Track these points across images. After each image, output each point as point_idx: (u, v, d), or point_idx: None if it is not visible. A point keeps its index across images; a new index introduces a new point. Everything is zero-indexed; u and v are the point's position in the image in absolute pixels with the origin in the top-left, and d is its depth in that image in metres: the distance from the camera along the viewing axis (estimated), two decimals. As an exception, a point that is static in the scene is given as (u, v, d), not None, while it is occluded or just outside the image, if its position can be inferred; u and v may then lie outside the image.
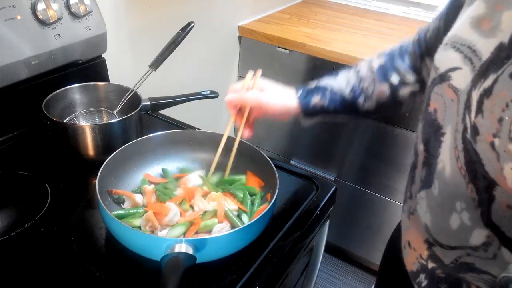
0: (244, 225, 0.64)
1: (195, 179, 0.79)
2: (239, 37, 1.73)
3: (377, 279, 0.89)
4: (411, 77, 0.72)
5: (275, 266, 0.68)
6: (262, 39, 1.65)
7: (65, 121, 0.93)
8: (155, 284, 0.59)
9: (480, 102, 0.45)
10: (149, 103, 0.96)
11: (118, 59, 1.18)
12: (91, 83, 0.97)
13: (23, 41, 0.85)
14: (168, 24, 1.30)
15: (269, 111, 0.75)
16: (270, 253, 0.69)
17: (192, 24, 0.91)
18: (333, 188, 0.85)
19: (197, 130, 0.88)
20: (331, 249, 1.95)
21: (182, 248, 0.57)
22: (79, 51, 0.97)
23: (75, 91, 0.95)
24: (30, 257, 0.65)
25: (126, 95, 0.94)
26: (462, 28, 0.53)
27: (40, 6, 0.86)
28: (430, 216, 0.57)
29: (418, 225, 0.60)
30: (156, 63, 0.91)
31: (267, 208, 0.66)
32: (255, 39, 1.67)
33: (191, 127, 1.00)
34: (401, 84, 0.73)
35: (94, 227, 0.72)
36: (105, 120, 0.97)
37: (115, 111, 0.96)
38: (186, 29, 0.90)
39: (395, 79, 0.72)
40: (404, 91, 0.73)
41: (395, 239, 0.74)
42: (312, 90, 0.76)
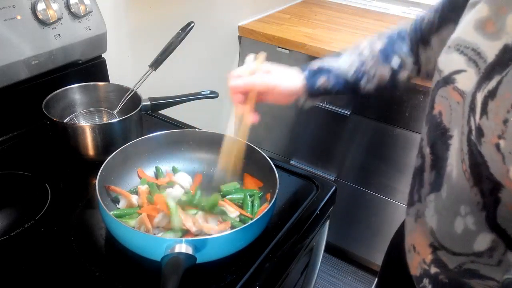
0: (244, 225, 0.64)
1: (176, 191, 0.75)
2: (239, 37, 1.73)
3: (379, 281, 0.88)
4: (410, 61, 0.74)
5: (275, 266, 0.68)
6: (262, 39, 1.65)
7: (65, 121, 0.93)
8: (155, 284, 0.59)
9: (485, 104, 0.45)
10: (149, 103, 0.95)
11: (118, 59, 1.18)
12: (91, 83, 0.97)
13: (23, 41, 0.85)
14: (168, 24, 1.29)
15: (276, 94, 0.73)
16: (270, 253, 0.69)
17: (192, 24, 0.91)
18: (333, 188, 0.85)
19: (197, 130, 0.88)
20: (331, 249, 1.95)
21: (182, 248, 0.57)
22: (79, 51, 0.97)
23: (75, 91, 0.95)
24: (30, 257, 0.65)
25: (126, 95, 0.94)
26: (466, 31, 0.53)
27: (40, 6, 0.86)
28: (436, 220, 0.56)
29: (424, 229, 0.60)
30: (156, 63, 0.91)
31: (267, 208, 0.66)
32: (255, 39, 1.67)
33: (191, 127, 1.00)
34: (400, 68, 0.75)
35: (94, 227, 0.72)
36: (105, 120, 0.97)
37: (115, 111, 0.96)
38: (186, 29, 0.90)
39: (396, 63, 0.74)
40: (403, 75, 0.75)
41: (398, 242, 0.74)
42: (318, 72, 0.76)
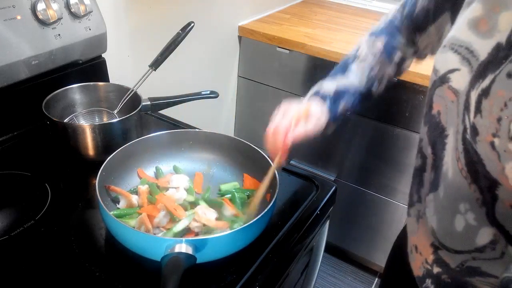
0: (244, 225, 0.64)
1: (180, 193, 0.75)
2: (239, 37, 1.73)
3: (382, 283, 0.88)
4: (411, 52, 0.76)
5: (275, 266, 0.68)
6: (262, 39, 1.65)
7: (65, 121, 0.93)
8: (155, 284, 0.59)
9: (479, 102, 0.45)
10: (149, 103, 0.95)
11: (118, 59, 1.18)
12: (91, 83, 0.97)
13: (23, 41, 0.85)
14: (168, 24, 1.29)
15: (309, 137, 0.73)
16: (270, 253, 0.69)
17: (192, 24, 0.91)
18: (333, 188, 0.85)
19: (197, 130, 0.88)
20: (331, 249, 1.95)
21: (182, 248, 0.57)
22: (79, 51, 0.97)
23: (75, 91, 0.95)
24: (30, 257, 0.65)
25: (126, 95, 0.94)
26: (460, 30, 0.53)
27: (40, 6, 0.86)
28: (436, 219, 0.57)
29: (426, 229, 0.60)
30: (156, 63, 0.91)
31: (267, 208, 0.66)
32: (255, 39, 1.67)
33: (191, 127, 1.00)
34: (403, 60, 0.77)
35: (94, 227, 0.72)
36: (105, 120, 0.97)
37: (115, 111, 0.96)
38: (186, 29, 0.90)
39: (398, 58, 0.76)
40: (406, 65, 0.79)
41: (401, 243, 0.74)
42: (337, 98, 0.75)
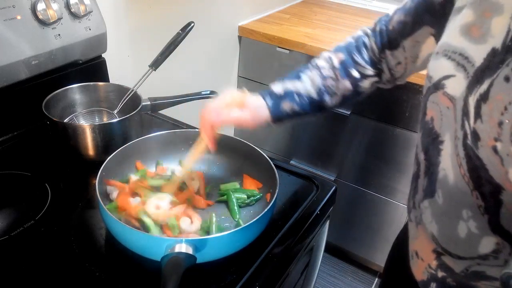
0: (244, 225, 0.64)
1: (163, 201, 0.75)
2: (239, 37, 1.73)
3: (382, 283, 0.88)
4: (371, 71, 0.74)
5: (275, 266, 0.68)
6: (262, 39, 1.65)
7: (65, 121, 0.93)
8: (155, 284, 0.59)
9: (478, 108, 0.45)
10: (149, 103, 0.95)
11: (118, 59, 1.18)
12: (91, 83, 0.97)
13: (23, 41, 0.85)
14: (168, 24, 1.29)
15: (245, 126, 0.73)
16: (270, 253, 0.69)
17: (192, 24, 0.91)
18: (333, 188, 0.85)
19: (197, 130, 0.87)
20: (331, 249, 1.95)
21: (182, 248, 0.57)
22: (79, 51, 0.97)
23: (75, 91, 0.95)
24: (30, 257, 0.65)
25: (126, 95, 0.94)
26: (452, 36, 0.53)
27: (40, 6, 0.86)
28: (437, 226, 0.56)
29: (426, 235, 0.60)
30: (156, 63, 0.91)
31: (267, 208, 0.66)
32: (255, 39, 1.67)
33: (191, 127, 1.00)
34: (362, 78, 0.75)
35: (94, 227, 0.72)
36: (105, 120, 0.97)
37: (115, 111, 0.96)
38: (186, 29, 0.90)
39: (356, 74, 0.74)
40: (365, 83, 0.75)
41: (401, 246, 0.74)
42: (281, 97, 0.74)
